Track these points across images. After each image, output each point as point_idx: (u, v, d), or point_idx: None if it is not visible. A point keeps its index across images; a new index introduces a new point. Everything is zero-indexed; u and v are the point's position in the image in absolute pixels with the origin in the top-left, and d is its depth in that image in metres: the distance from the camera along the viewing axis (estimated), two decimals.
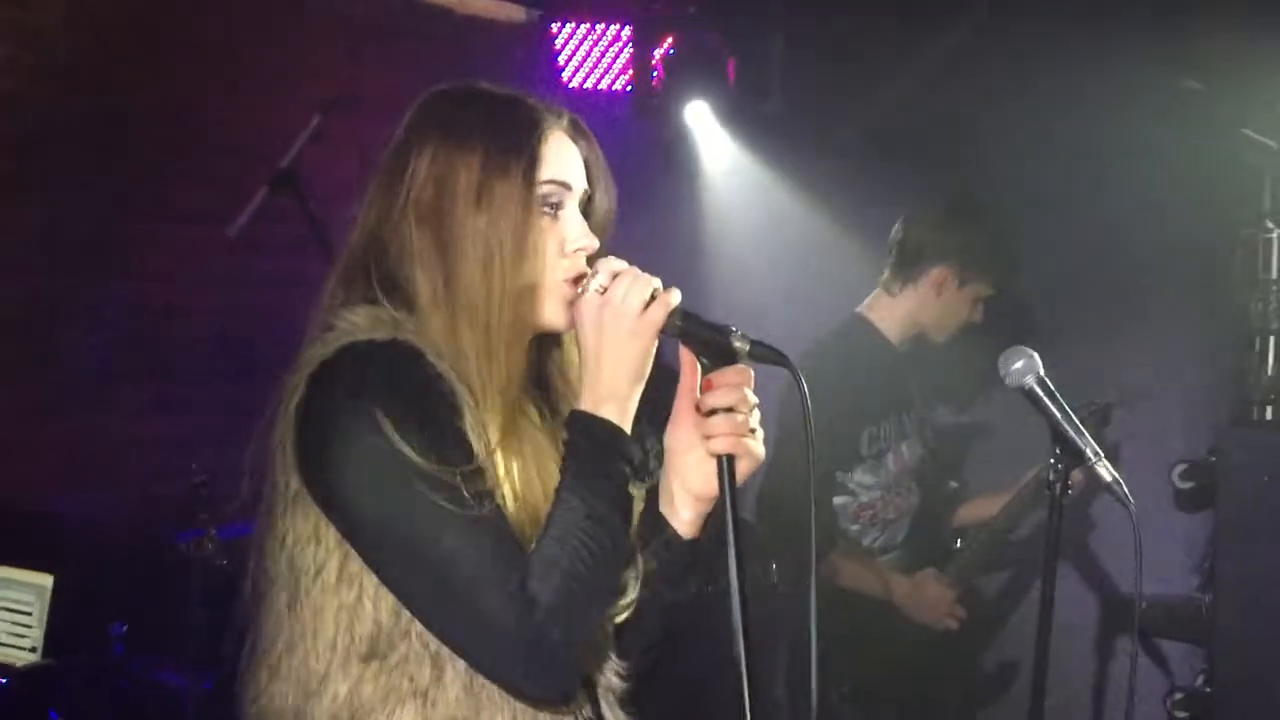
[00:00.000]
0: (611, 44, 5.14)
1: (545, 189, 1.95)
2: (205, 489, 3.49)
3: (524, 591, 1.79)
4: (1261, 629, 3.53)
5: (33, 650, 3.61)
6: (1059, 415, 2.56)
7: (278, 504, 1.90)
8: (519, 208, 1.92)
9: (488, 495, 1.83)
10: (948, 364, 3.97)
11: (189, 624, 3.49)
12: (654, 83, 4.79)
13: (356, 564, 1.87)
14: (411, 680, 1.88)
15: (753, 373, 1.93)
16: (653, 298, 1.89)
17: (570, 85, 5.15)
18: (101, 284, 4.38)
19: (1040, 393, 2.57)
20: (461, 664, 1.87)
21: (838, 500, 3.71)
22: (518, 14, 5.41)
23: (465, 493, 1.80)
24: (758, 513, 3.63)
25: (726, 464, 1.91)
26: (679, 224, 5.14)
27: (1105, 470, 2.54)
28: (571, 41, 5.20)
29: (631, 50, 4.99)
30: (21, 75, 4.19)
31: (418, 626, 1.86)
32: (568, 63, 5.21)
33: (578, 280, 1.94)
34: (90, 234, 4.34)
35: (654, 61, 4.89)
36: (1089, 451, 2.55)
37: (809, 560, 1.93)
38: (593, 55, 5.19)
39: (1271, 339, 4.64)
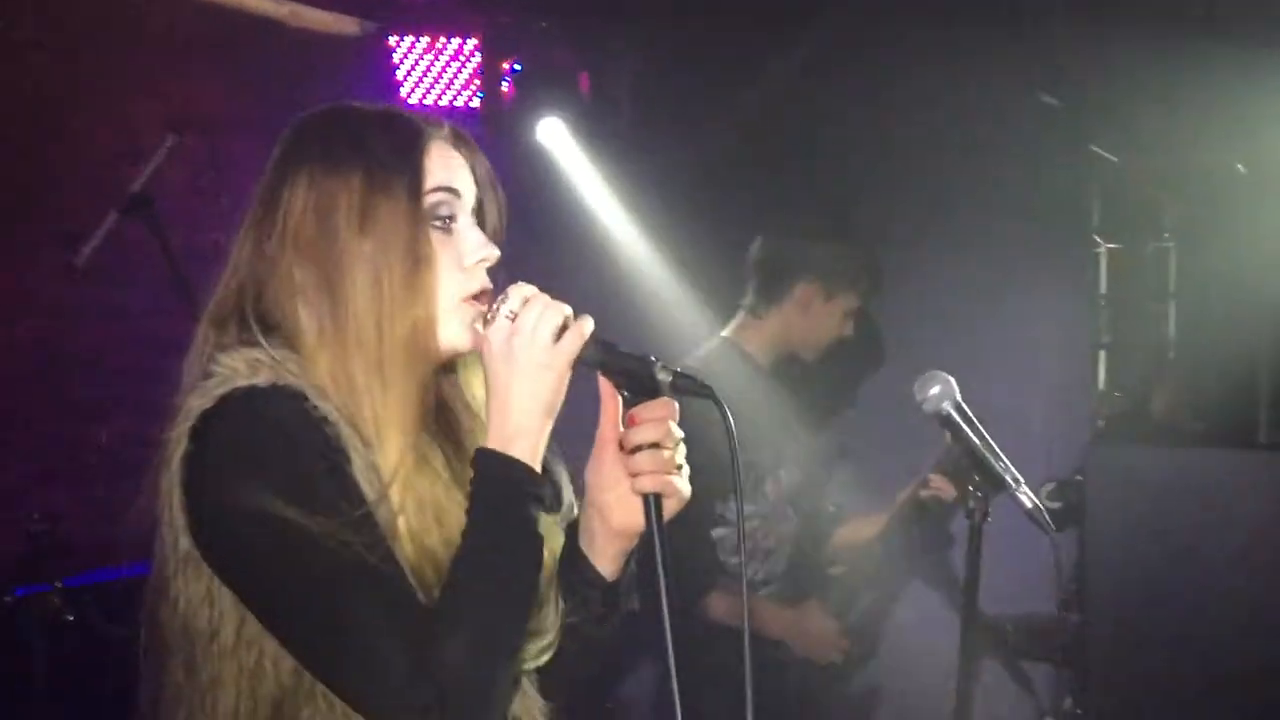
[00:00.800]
0: (455, 58, 4.92)
1: (433, 199, 1.83)
2: (46, 538, 3.18)
3: (424, 648, 1.69)
4: (1131, 648, 3.52)
5: None
6: (978, 442, 2.46)
7: (168, 565, 1.78)
8: (407, 225, 1.80)
9: (380, 544, 1.72)
10: (817, 384, 3.87)
11: (33, 685, 3.17)
12: (504, 99, 4.58)
13: (254, 625, 1.76)
14: None
15: (677, 406, 1.82)
16: (565, 326, 1.77)
17: (410, 102, 4.91)
18: None
19: (958, 419, 2.46)
20: None
21: (716, 532, 3.57)
22: (351, 26, 5.15)
23: (356, 544, 1.69)
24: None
25: (654, 502, 1.81)
26: (536, 243, 4.95)
27: (1026, 497, 2.45)
28: (411, 56, 4.96)
29: (478, 65, 4.76)
30: None
31: (322, 688, 1.75)
32: (406, 78, 4.97)
33: (479, 297, 1.83)
34: None
35: (503, 76, 4.67)
36: (1008, 478, 2.46)
37: (694, 591, 1.83)
38: (433, 70, 4.96)
39: (1102, 353, 4.71)
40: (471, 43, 4.86)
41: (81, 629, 3.28)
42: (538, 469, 1.79)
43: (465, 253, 1.84)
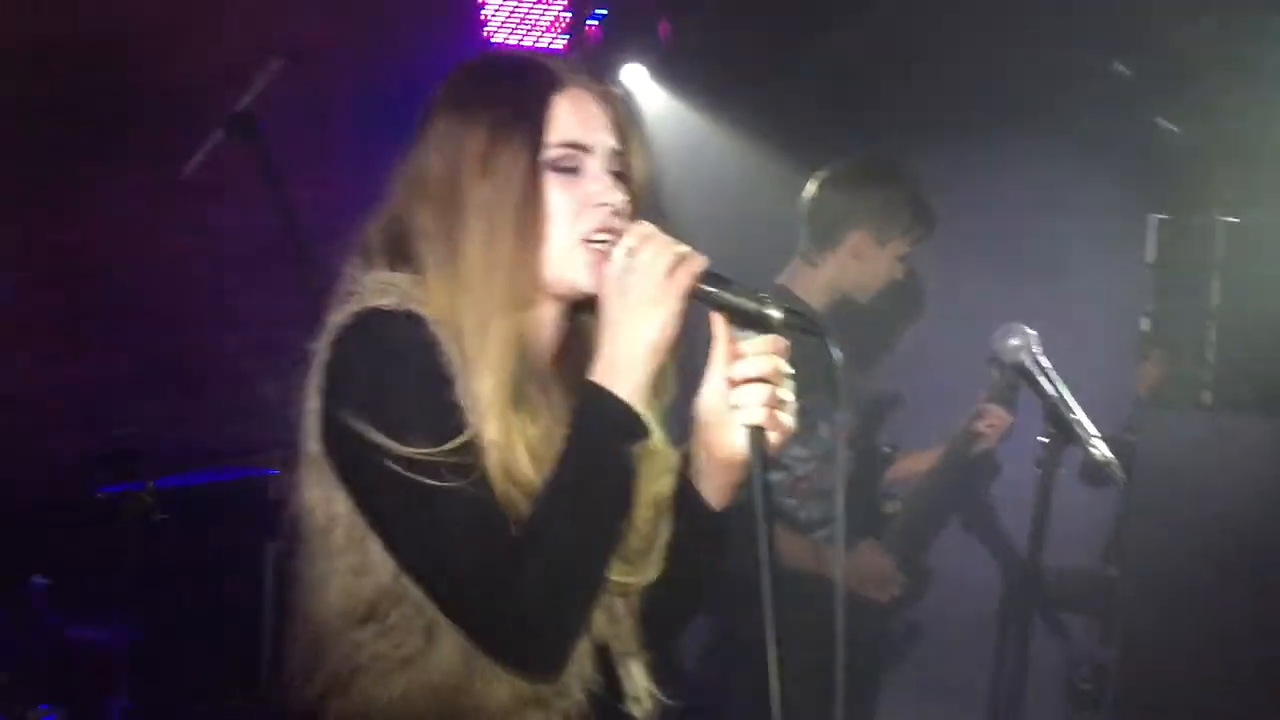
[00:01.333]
0: (539, 2, 4.95)
1: (556, 153, 1.89)
2: (134, 440, 3.29)
3: (506, 569, 1.77)
4: (1162, 605, 3.53)
5: None
6: (1055, 393, 2.48)
7: (301, 466, 1.89)
8: (524, 175, 1.86)
9: (473, 468, 1.79)
10: (868, 327, 3.89)
11: (122, 577, 3.28)
12: (588, 42, 4.62)
13: (363, 529, 1.86)
14: (405, 646, 1.86)
15: (786, 343, 1.84)
16: (679, 264, 1.80)
17: (494, 42, 4.97)
18: (20, 227, 4.08)
19: (1035, 371, 2.48)
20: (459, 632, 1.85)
21: (773, 476, 3.60)
22: None
23: (450, 466, 1.77)
24: None
25: (757, 436, 1.83)
26: None
27: (1099, 450, 2.47)
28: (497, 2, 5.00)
29: (564, 7, 4.81)
30: None
31: (416, 593, 1.85)
32: (493, 17, 5.01)
33: (600, 239, 1.87)
34: (16, 177, 4.10)
35: (587, 19, 4.72)
36: (1081, 431, 2.48)
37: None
38: (519, 11, 5.00)
39: (1148, 320, 4.68)
40: None
41: (169, 528, 3.40)
42: (639, 406, 1.82)
43: (586, 198, 1.89)
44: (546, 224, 1.87)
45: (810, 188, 3.79)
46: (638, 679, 2.01)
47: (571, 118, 1.90)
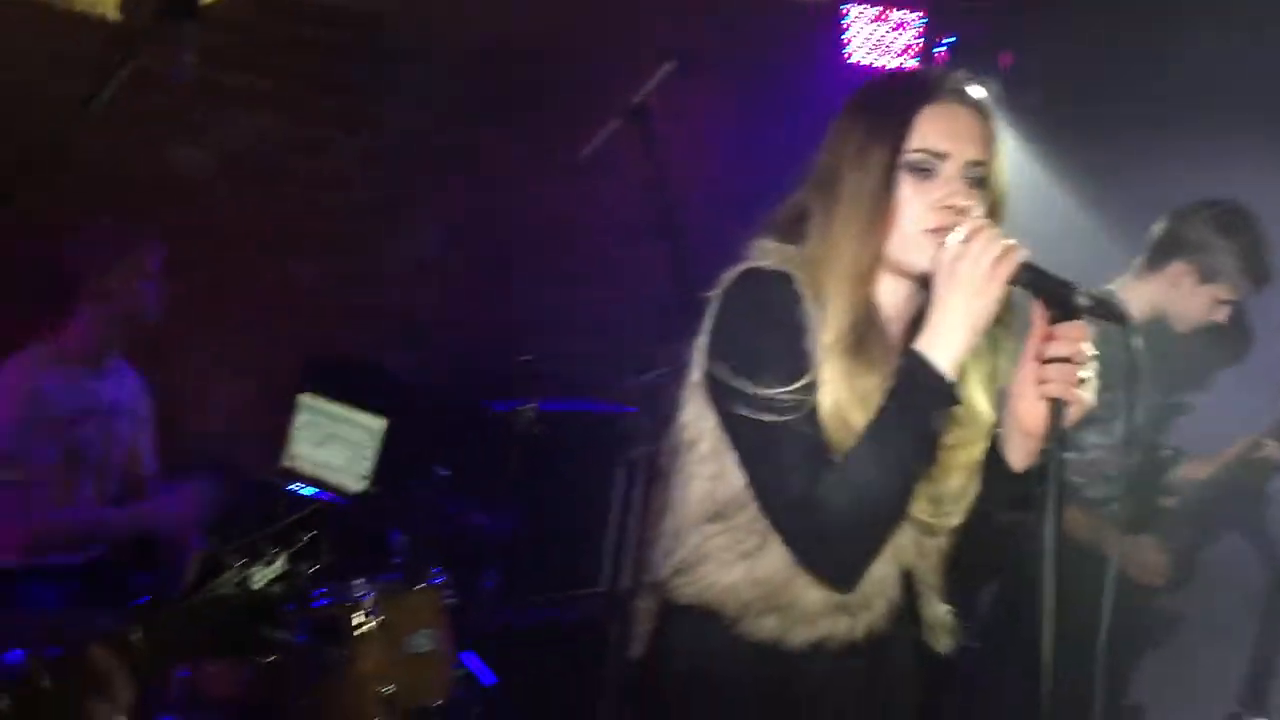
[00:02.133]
0: (897, 27, 5.21)
1: (914, 156, 2.07)
2: (530, 366, 3.75)
3: (814, 495, 1.98)
4: None
5: (363, 479, 3.92)
6: None
7: (683, 389, 2.17)
8: (881, 173, 2.06)
9: (807, 407, 2.02)
10: (1178, 355, 3.97)
11: (502, 478, 3.74)
12: (935, 66, 4.86)
13: (724, 444, 2.11)
14: (745, 543, 2.11)
15: (1092, 330, 1.98)
16: (1003, 255, 1.96)
17: (851, 62, 5.24)
18: (446, 187, 4.66)
19: None
20: None
21: (1068, 456, 3.77)
22: None
23: (791, 403, 2.01)
24: None
25: (1057, 408, 1.97)
26: None
27: None
28: (859, 21, 5.28)
29: (918, 33, 5.06)
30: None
31: (755, 503, 2.10)
32: (852, 40, 5.29)
33: (941, 230, 2.03)
34: (445, 142, 4.63)
35: (936, 46, 4.95)
36: None
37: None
38: (875, 35, 5.26)
39: None
40: (915, 15, 5.13)
41: (545, 442, 3.83)
42: (953, 376, 1.99)
43: (934, 200, 2.06)
44: (894, 215, 2.07)
45: (1165, 214, 3.87)
46: (936, 610, 2.20)
47: (935, 127, 2.08)
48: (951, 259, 1.98)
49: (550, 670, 3.76)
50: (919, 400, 1.99)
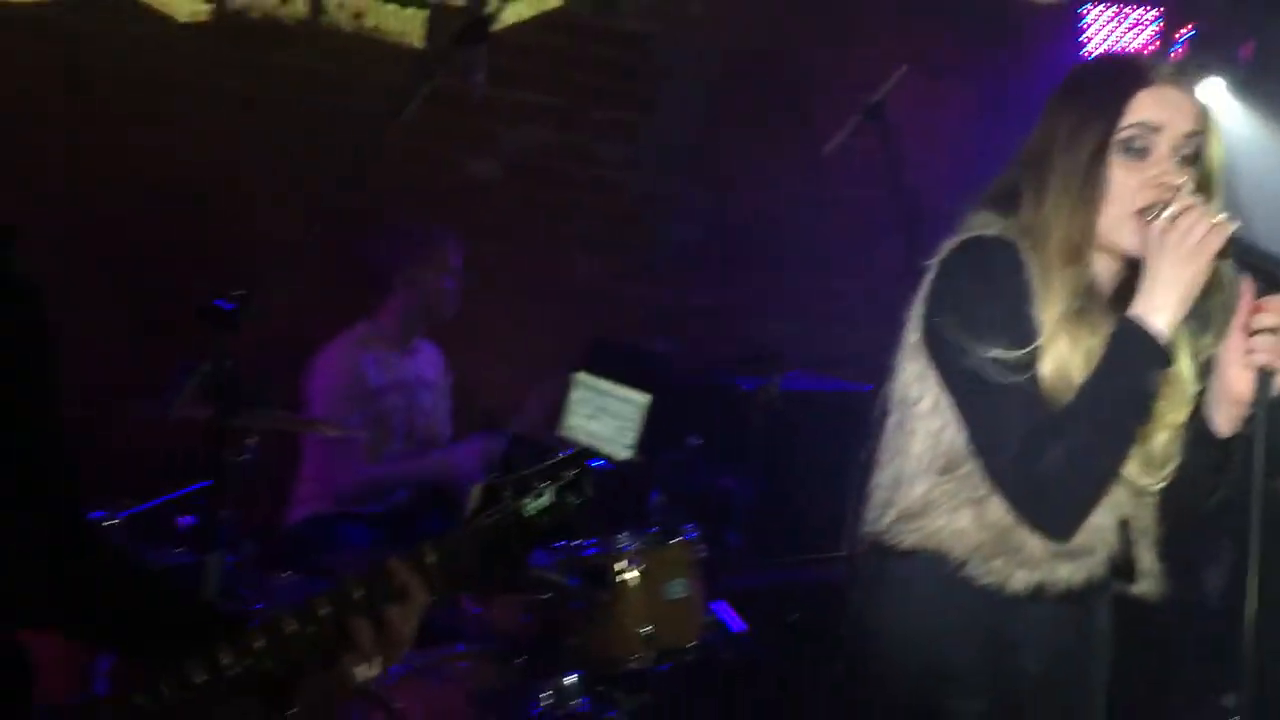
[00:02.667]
0: (1135, 25, 5.15)
1: (1127, 134, 2.06)
2: (775, 348, 3.96)
3: (1032, 451, 2.00)
4: None
5: (628, 448, 4.22)
6: None
7: (901, 351, 2.20)
8: (1092, 154, 2.06)
9: (1028, 368, 2.04)
10: None
11: (748, 448, 3.96)
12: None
13: (945, 401, 2.14)
14: (973, 491, 2.12)
15: None
16: (1213, 229, 1.97)
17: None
18: (700, 185, 4.91)
19: None
20: None
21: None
22: None
23: (1015, 365, 2.03)
24: None
25: (1263, 376, 1.99)
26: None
27: None
28: (1098, 21, 5.24)
29: (1156, 30, 4.99)
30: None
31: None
32: (1091, 39, 5.26)
33: (1149, 209, 2.03)
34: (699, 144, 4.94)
35: (1175, 42, 4.87)
36: None
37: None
38: (1114, 34, 5.22)
39: None
40: (1153, 13, 5.06)
41: (785, 416, 4.01)
42: (1167, 337, 2.00)
43: (1149, 179, 2.05)
44: (1104, 197, 2.05)
45: None
46: (1149, 559, 2.20)
47: (1149, 103, 2.05)
48: (1162, 232, 1.99)
49: (793, 625, 3.90)
50: (1134, 361, 2.00)
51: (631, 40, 5.02)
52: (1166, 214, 1.99)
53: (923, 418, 2.15)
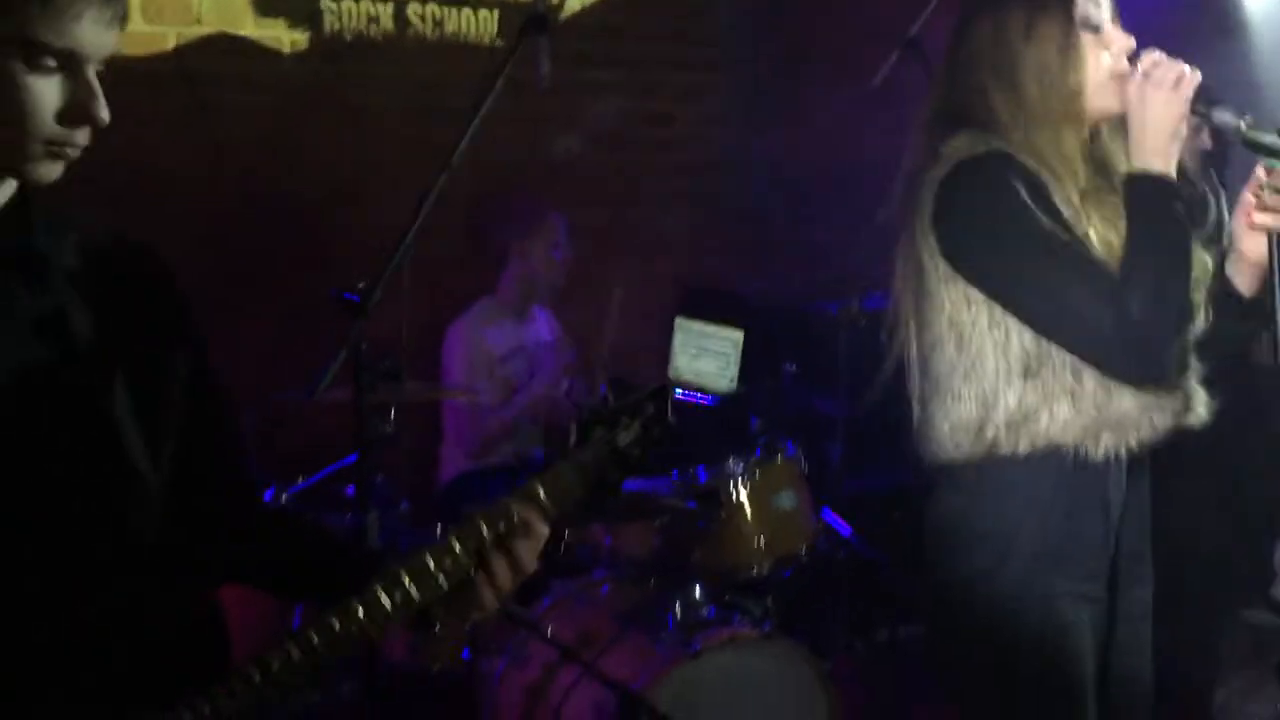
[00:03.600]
0: None
1: (1081, 10, 2.13)
2: (846, 273, 4.05)
3: (1118, 302, 2.04)
4: None
5: (730, 381, 4.36)
6: None
7: (928, 283, 2.20)
8: (1061, 34, 2.11)
9: (1078, 243, 2.10)
10: None
11: (838, 368, 4.06)
12: None
13: (1000, 312, 2.16)
14: (1060, 385, 2.14)
15: None
16: (1182, 76, 2.05)
17: None
18: (766, 135, 5.04)
19: None
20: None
21: None
22: None
23: (1064, 244, 2.07)
24: None
25: (1273, 238, 2.06)
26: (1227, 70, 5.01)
27: None
28: None
29: None
30: None
31: (1054, 348, 2.14)
32: None
33: (1122, 72, 2.12)
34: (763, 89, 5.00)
35: None
36: None
37: None
38: None
39: None
40: None
41: (868, 334, 4.08)
42: (1173, 176, 2.07)
43: (1110, 45, 2.15)
44: (1085, 65, 2.10)
45: None
46: (1200, 394, 2.22)
47: None
48: (1139, 86, 2.05)
49: (896, 524, 3.99)
50: (1155, 202, 2.04)
51: (686, 6, 5.15)
52: (1139, 70, 2.04)
53: (985, 335, 2.14)
